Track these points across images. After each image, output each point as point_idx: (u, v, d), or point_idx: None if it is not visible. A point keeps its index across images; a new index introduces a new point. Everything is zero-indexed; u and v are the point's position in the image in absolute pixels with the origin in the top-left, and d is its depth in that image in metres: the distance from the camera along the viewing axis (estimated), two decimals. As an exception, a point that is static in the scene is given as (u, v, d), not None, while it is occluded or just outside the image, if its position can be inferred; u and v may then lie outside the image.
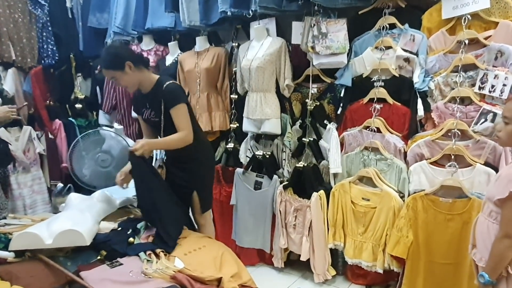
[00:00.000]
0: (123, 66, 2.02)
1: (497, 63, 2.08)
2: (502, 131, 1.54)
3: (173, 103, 2.07)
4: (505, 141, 1.56)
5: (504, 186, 1.44)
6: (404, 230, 2.19)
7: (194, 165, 2.25)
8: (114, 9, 3.36)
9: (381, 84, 2.37)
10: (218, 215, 3.00)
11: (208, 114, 2.93)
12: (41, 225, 1.83)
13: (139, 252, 1.77)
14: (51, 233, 1.70)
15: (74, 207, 2.05)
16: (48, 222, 1.83)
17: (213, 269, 1.71)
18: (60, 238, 1.69)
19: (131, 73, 2.05)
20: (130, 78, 2.06)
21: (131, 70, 2.05)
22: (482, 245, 1.58)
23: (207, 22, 2.81)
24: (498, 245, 1.45)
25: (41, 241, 1.68)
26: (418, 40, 2.29)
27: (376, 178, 2.33)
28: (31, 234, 1.69)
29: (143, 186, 2.03)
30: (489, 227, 1.54)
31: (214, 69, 2.88)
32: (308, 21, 2.44)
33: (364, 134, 2.42)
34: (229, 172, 2.93)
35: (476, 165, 2.07)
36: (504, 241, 1.43)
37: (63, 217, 1.88)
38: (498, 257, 1.45)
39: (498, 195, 1.46)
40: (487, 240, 1.54)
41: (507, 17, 2.09)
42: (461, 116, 2.14)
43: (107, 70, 2.07)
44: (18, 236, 1.70)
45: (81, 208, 2.02)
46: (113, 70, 2.04)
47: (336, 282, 2.62)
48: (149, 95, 2.15)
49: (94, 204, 2.12)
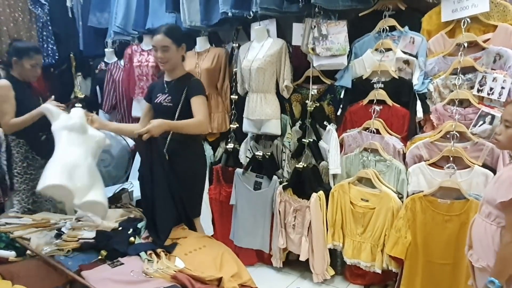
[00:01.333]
0: (181, 43, 2.19)
1: (496, 66, 2.09)
2: (502, 134, 1.55)
3: (198, 92, 2.16)
4: (505, 144, 1.58)
5: (506, 189, 1.44)
6: (403, 231, 2.21)
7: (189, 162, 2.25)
8: (115, 9, 3.37)
9: (380, 86, 2.38)
10: (218, 215, 3.01)
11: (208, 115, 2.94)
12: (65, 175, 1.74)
13: (140, 252, 1.78)
14: (80, 195, 1.70)
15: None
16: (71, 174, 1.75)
17: (213, 269, 1.72)
18: (87, 206, 1.74)
19: (179, 54, 2.20)
20: (176, 57, 2.19)
21: (181, 52, 2.21)
22: (479, 246, 1.60)
23: (207, 23, 2.82)
24: (506, 249, 1.45)
25: (71, 199, 1.69)
26: (418, 42, 2.31)
27: (375, 179, 2.35)
28: (66, 189, 1.68)
29: (147, 173, 2.02)
30: (487, 229, 1.55)
31: (214, 69, 2.89)
32: (308, 23, 2.45)
33: (364, 135, 2.44)
34: (229, 172, 2.94)
35: (474, 166, 2.09)
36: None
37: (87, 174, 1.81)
38: (505, 261, 1.46)
39: (500, 198, 1.47)
40: (484, 241, 1.56)
41: (506, 20, 2.11)
42: (460, 118, 2.15)
43: (166, 36, 2.12)
44: (50, 187, 1.68)
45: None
46: (172, 40, 2.13)
47: (335, 282, 2.63)
48: (173, 82, 2.23)
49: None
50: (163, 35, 2.12)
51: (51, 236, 1.94)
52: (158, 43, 2.14)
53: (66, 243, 1.85)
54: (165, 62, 2.17)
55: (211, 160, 3.06)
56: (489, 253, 1.55)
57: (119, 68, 3.52)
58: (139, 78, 3.28)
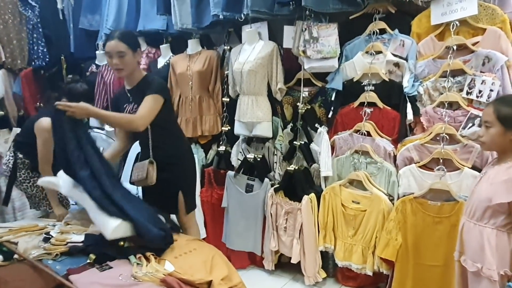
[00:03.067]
0: (137, 48, 2.11)
1: (485, 68, 2.11)
2: (485, 136, 1.57)
3: (151, 91, 2.03)
4: (489, 145, 1.59)
5: (507, 190, 1.44)
6: (393, 233, 2.21)
7: (179, 164, 2.24)
8: (106, 11, 3.35)
9: (371, 88, 2.39)
10: (210, 218, 3.00)
11: (199, 117, 2.94)
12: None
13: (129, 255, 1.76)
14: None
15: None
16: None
17: (203, 272, 1.71)
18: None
19: (135, 59, 2.11)
20: (132, 63, 2.10)
21: (137, 57, 2.13)
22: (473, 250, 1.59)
23: (199, 25, 2.82)
24: None
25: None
26: (408, 45, 2.32)
27: (366, 181, 2.36)
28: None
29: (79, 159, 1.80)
30: (482, 232, 1.55)
31: (206, 72, 2.89)
32: (299, 25, 2.46)
33: (355, 137, 2.45)
34: (220, 175, 2.93)
35: (464, 168, 2.10)
36: None
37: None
38: None
39: (499, 199, 1.47)
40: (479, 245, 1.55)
41: (494, 23, 2.13)
42: (449, 120, 2.17)
43: (121, 42, 2.03)
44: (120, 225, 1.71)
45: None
46: (127, 45, 2.04)
47: (327, 284, 2.63)
48: (134, 89, 2.15)
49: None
50: (118, 40, 2.02)
51: (39, 240, 1.92)
52: (113, 49, 2.02)
53: (54, 247, 1.83)
54: (121, 69, 2.07)
55: (202, 163, 3.05)
56: (485, 256, 1.54)
57: (110, 70, 3.49)
58: (130, 80, 3.27)
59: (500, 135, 1.52)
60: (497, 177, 1.52)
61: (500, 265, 1.52)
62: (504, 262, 1.50)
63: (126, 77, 2.16)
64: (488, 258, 1.53)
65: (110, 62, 2.08)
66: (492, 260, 1.52)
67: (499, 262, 1.51)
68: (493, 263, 1.52)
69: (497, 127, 1.53)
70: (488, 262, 1.53)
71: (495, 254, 1.52)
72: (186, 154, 2.35)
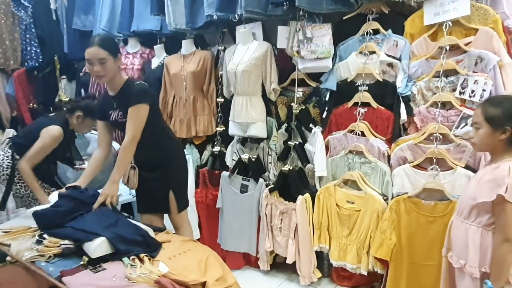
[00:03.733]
0: (117, 53, 2.06)
1: (477, 68, 2.13)
2: (475, 137, 1.58)
3: (134, 102, 2.03)
4: (480, 146, 1.61)
5: (490, 190, 1.46)
6: (388, 232, 2.22)
7: (168, 164, 2.24)
8: (99, 11, 3.34)
9: (365, 89, 2.40)
10: (204, 218, 2.99)
11: (194, 118, 2.93)
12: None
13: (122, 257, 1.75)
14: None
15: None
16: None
17: (198, 273, 1.70)
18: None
19: (116, 65, 2.06)
20: (114, 68, 2.05)
21: (118, 62, 2.08)
22: (459, 247, 1.61)
23: (193, 26, 2.81)
24: (499, 251, 1.46)
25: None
26: (401, 45, 2.33)
27: (361, 181, 2.36)
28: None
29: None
30: (468, 230, 1.57)
31: (200, 72, 2.89)
32: (293, 26, 2.46)
33: (349, 137, 2.45)
34: (215, 175, 2.93)
35: (457, 168, 2.11)
36: (504, 246, 1.44)
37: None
38: (500, 263, 1.46)
39: (482, 198, 1.49)
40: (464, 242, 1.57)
41: (487, 24, 2.14)
42: (443, 120, 2.18)
43: (102, 48, 1.98)
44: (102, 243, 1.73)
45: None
46: (108, 51, 2.00)
47: (322, 284, 2.64)
48: (117, 95, 2.12)
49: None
50: (98, 47, 1.97)
51: (32, 242, 1.90)
52: (93, 56, 1.98)
53: (47, 249, 1.81)
54: (102, 76, 2.03)
55: (197, 163, 3.04)
56: (468, 254, 1.57)
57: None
58: (124, 81, 3.26)
59: (489, 136, 1.54)
60: (484, 177, 1.53)
61: (482, 263, 1.53)
62: (487, 260, 1.51)
63: (108, 83, 2.12)
64: (471, 256, 1.55)
65: (91, 69, 2.03)
66: (475, 258, 1.54)
67: (481, 260, 1.53)
68: (475, 261, 1.54)
69: (486, 128, 1.54)
70: (471, 259, 1.56)
71: (478, 252, 1.53)
72: (176, 153, 2.34)
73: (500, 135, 1.51)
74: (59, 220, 1.89)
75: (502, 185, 1.42)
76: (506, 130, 1.49)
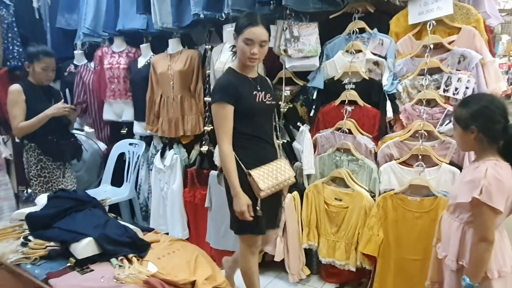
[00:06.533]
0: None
1: (460, 66, 2.17)
2: (455, 138, 1.62)
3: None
4: (460, 146, 1.66)
5: (468, 191, 1.48)
6: (375, 229, 2.25)
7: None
8: (84, 10, 3.29)
9: (352, 87, 2.42)
10: (193, 218, 2.98)
11: (181, 117, 2.92)
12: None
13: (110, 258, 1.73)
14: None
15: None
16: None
17: (187, 272, 1.70)
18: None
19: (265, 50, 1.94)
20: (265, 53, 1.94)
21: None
22: (445, 241, 1.65)
23: (179, 24, 2.79)
24: (476, 250, 1.49)
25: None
26: (387, 44, 2.36)
27: (348, 178, 2.39)
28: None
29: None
30: (451, 225, 1.61)
31: (187, 71, 2.87)
32: (280, 25, 2.47)
33: (336, 135, 2.47)
34: (203, 175, 2.91)
35: (442, 164, 2.15)
36: (481, 245, 1.47)
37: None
38: (478, 261, 1.49)
39: (461, 198, 1.53)
40: (448, 236, 1.62)
41: (469, 23, 2.18)
42: (428, 117, 2.22)
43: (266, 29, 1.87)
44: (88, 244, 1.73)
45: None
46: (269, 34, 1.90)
47: (311, 281, 2.65)
48: (258, 78, 2.02)
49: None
50: (262, 27, 1.85)
51: (17, 244, 1.87)
52: (258, 37, 1.84)
53: (33, 251, 1.79)
54: (255, 60, 1.89)
55: (185, 163, 3.03)
56: (449, 247, 1.60)
57: (89, 70, 3.44)
58: (110, 80, 3.22)
59: (461, 137, 1.57)
60: (465, 177, 1.56)
61: (460, 257, 1.57)
62: (466, 255, 1.55)
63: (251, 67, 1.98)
64: (452, 249, 1.59)
65: (246, 49, 1.85)
66: (454, 252, 1.58)
67: (460, 255, 1.57)
68: (455, 254, 1.58)
69: (457, 129, 1.57)
70: (451, 253, 1.59)
71: (458, 246, 1.57)
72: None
73: (470, 135, 1.52)
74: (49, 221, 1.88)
75: (478, 187, 1.44)
76: (473, 130, 1.51)
